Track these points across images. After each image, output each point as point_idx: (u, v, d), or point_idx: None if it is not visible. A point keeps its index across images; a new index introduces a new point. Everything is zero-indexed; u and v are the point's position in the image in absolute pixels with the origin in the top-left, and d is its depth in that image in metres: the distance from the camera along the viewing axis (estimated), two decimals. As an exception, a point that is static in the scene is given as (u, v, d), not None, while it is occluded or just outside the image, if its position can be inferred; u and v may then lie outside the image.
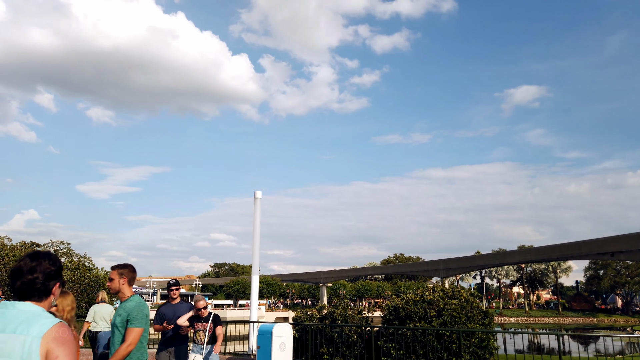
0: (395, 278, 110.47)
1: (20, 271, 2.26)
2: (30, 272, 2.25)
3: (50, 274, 2.30)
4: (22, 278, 2.24)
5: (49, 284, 2.29)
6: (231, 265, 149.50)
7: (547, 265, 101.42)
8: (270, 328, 10.84)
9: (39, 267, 2.27)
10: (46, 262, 2.31)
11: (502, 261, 58.03)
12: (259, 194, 13.25)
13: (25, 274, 2.25)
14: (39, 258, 2.31)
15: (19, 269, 2.27)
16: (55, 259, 2.39)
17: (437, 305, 9.27)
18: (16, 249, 39.51)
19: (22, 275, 2.24)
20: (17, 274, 2.27)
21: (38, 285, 2.24)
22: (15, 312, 2.15)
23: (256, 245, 12.82)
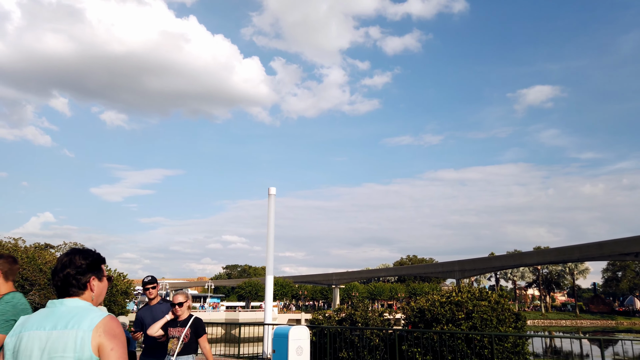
0: (408, 280, 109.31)
1: (55, 268, 2.33)
2: (63, 269, 2.31)
3: (82, 269, 2.33)
4: (57, 275, 2.31)
5: (82, 278, 2.32)
6: (243, 267, 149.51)
7: (564, 266, 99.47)
8: (286, 331, 10.25)
9: (70, 263, 2.32)
10: (78, 257, 2.35)
11: (520, 262, 56.65)
12: (273, 191, 12.72)
13: (59, 271, 2.31)
14: (71, 254, 2.37)
15: (55, 267, 2.35)
16: (88, 253, 2.42)
17: (466, 307, 8.62)
18: (30, 250, 39.52)
19: (57, 272, 2.31)
20: (54, 271, 2.34)
21: (72, 280, 2.29)
22: (65, 309, 2.20)
23: (270, 243, 12.28)
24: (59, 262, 2.34)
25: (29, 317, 2.23)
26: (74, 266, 2.31)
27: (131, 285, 51.13)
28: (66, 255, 2.37)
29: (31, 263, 34.15)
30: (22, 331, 2.16)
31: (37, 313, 2.24)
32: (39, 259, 35.66)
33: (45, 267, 34.67)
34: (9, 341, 2.17)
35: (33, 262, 34.44)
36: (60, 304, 2.23)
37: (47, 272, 33.98)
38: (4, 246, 38.35)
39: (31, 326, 2.16)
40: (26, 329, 2.16)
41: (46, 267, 34.57)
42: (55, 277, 2.32)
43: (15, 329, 2.21)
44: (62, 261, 2.33)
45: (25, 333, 2.15)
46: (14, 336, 2.18)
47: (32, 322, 2.19)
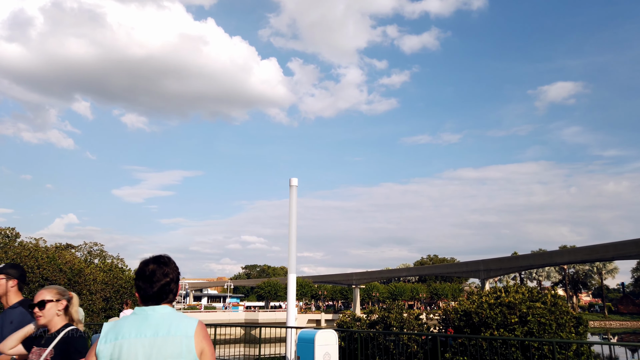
0: (429, 280, 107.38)
1: (154, 276, 2.32)
2: (163, 277, 2.33)
3: (177, 278, 2.43)
4: (156, 283, 2.31)
5: (175, 287, 2.39)
6: (262, 267, 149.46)
7: (591, 266, 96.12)
8: (312, 335, 9.22)
9: (169, 273, 2.37)
10: (174, 267, 2.41)
11: (549, 261, 54.34)
12: (295, 182, 11.75)
13: (159, 279, 2.32)
14: (168, 263, 2.40)
15: (152, 274, 2.32)
16: (175, 263, 2.47)
17: (519, 309, 7.51)
18: (50, 250, 39.54)
19: (156, 281, 2.31)
20: (151, 278, 2.31)
21: (168, 289, 2.35)
22: (158, 316, 2.24)
23: (292, 237, 11.31)
24: (158, 271, 2.33)
25: (120, 325, 2.21)
26: (173, 275, 2.36)
27: (150, 285, 50.62)
28: (164, 264, 2.37)
29: (51, 263, 33.97)
30: (117, 339, 2.15)
31: (127, 320, 2.23)
32: (59, 259, 35.52)
33: (65, 267, 34.49)
34: (104, 349, 2.14)
35: (53, 262, 34.27)
36: (153, 311, 2.26)
37: (67, 272, 33.79)
38: (25, 246, 38.40)
39: (129, 334, 2.16)
40: (123, 336, 2.15)
41: (66, 267, 34.39)
42: (152, 284, 2.31)
43: (107, 337, 2.17)
44: (163, 271, 2.34)
45: (124, 341, 2.14)
46: (109, 343, 2.14)
47: (127, 329, 2.18)
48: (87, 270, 35.13)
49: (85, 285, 33.10)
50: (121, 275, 40.70)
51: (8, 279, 3.74)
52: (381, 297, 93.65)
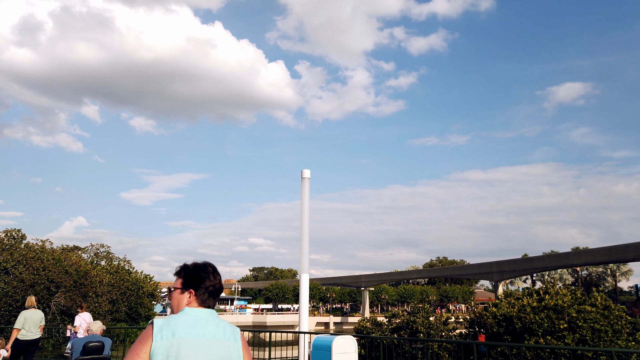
0: (438, 282, 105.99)
1: (218, 275, 2.45)
2: (221, 281, 2.48)
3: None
4: (221, 288, 2.44)
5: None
6: (270, 270, 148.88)
7: (605, 267, 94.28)
8: (329, 342, 8.27)
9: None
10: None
11: (565, 263, 52.79)
12: (307, 174, 10.88)
13: (221, 284, 2.45)
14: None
15: (216, 273, 2.46)
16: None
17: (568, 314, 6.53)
18: (56, 252, 38.98)
19: (220, 281, 2.44)
20: (216, 277, 2.43)
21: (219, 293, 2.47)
22: (209, 318, 2.29)
23: (305, 233, 10.41)
24: (218, 275, 2.46)
25: (175, 323, 2.18)
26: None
27: (157, 288, 50.17)
28: (216, 270, 2.48)
29: (57, 265, 33.33)
30: (175, 335, 2.12)
31: (179, 318, 2.23)
32: (65, 261, 34.85)
33: (70, 268, 33.84)
34: (160, 345, 2.09)
35: (59, 264, 33.62)
36: (203, 313, 2.29)
37: (72, 274, 33.13)
38: (31, 248, 37.81)
39: (186, 332, 2.15)
40: (180, 334, 2.14)
41: (72, 269, 33.74)
42: (220, 290, 2.43)
43: (162, 333, 2.12)
44: (220, 275, 2.47)
45: (182, 339, 2.12)
46: (166, 340, 2.11)
47: (182, 327, 2.17)
48: (94, 272, 34.45)
49: (91, 288, 32.42)
50: (127, 277, 40.04)
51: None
52: (390, 300, 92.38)
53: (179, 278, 2.44)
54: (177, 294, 2.40)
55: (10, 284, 31.36)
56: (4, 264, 34.33)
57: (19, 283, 31.17)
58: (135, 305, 39.29)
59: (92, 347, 6.86)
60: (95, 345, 6.91)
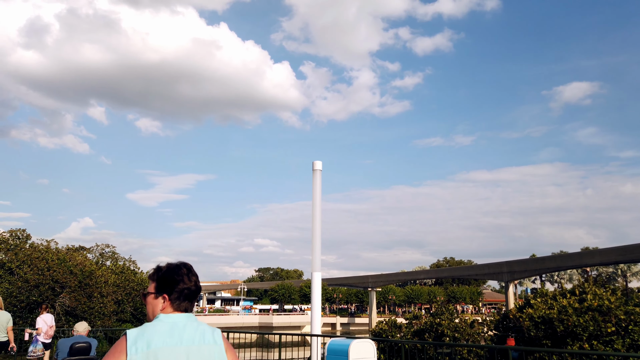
0: (445, 283, 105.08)
1: (194, 278, 2.28)
2: (197, 281, 2.31)
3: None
4: (198, 290, 2.28)
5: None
6: (275, 270, 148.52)
7: (615, 268, 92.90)
8: (345, 346, 7.62)
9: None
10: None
11: (578, 263, 51.65)
12: (319, 165, 10.26)
13: (197, 282, 2.29)
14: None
15: (191, 275, 2.28)
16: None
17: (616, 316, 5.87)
18: (61, 252, 38.62)
19: (199, 289, 2.29)
20: (190, 281, 2.26)
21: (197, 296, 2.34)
22: (189, 323, 2.16)
23: (317, 228, 9.78)
24: (194, 276, 2.29)
25: (150, 333, 2.03)
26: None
27: (163, 288, 49.39)
28: (192, 269, 2.32)
29: (62, 265, 32.91)
30: (150, 347, 1.98)
31: (154, 327, 2.08)
32: (70, 261, 34.42)
33: (75, 269, 33.41)
34: (136, 359, 1.96)
35: (64, 264, 33.19)
36: (180, 318, 2.16)
37: (77, 275, 32.69)
38: (36, 248, 37.46)
39: (162, 341, 2.02)
40: (157, 344, 2.00)
41: (77, 269, 33.31)
42: (197, 292, 2.28)
43: (136, 346, 1.97)
44: (196, 275, 2.31)
45: (158, 349, 1.99)
46: (141, 353, 1.96)
47: (158, 337, 2.03)
48: (99, 272, 34.03)
49: (96, 288, 31.98)
50: (133, 277, 39.61)
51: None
52: (397, 301, 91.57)
53: (152, 282, 2.27)
54: (151, 299, 2.24)
55: (14, 284, 30.96)
56: (9, 264, 33.95)
57: (23, 283, 30.77)
58: (140, 306, 38.88)
59: (79, 348, 6.89)
60: (82, 346, 6.94)
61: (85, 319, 30.78)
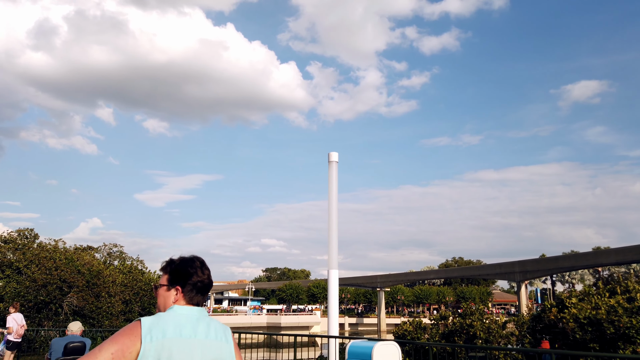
0: (454, 283, 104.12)
1: (207, 270, 2.26)
2: (210, 274, 2.29)
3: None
4: (210, 284, 2.25)
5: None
6: (282, 270, 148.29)
7: (628, 268, 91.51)
8: (368, 349, 7.09)
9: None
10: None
11: (593, 262, 50.63)
12: (335, 157, 9.76)
13: (210, 275, 2.27)
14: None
15: (205, 268, 2.25)
16: None
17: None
18: (69, 251, 38.42)
19: (209, 276, 2.25)
20: (204, 273, 2.23)
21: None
22: (202, 317, 2.13)
23: (333, 222, 9.27)
24: (207, 269, 2.25)
25: (165, 323, 1.99)
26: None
27: (171, 288, 49.04)
28: (205, 264, 2.27)
29: (69, 264, 32.64)
30: (165, 336, 1.93)
31: (168, 318, 2.04)
32: (77, 261, 34.16)
33: (83, 268, 33.13)
34: (150, 347, 1.90)
35: (71, 264, 32.92)
36: (193, 312, 2.12)
37: (85, 274, 32.40)
38: (44, 247, 37.27)
39: (178, 333, 1.98)
40: (172, 335, 1.96)
41: (84, 269, 33.03)
42: (209, 285, 2.24)
43: (151, 334, 1.91)
44: (208, 270, 2.26)
45: (174, 340, 1.95)
46: (156, 342, 1.91)
47: (174, 328, 1.99)
48: (107, 271, 33.76)
49: (104, 288, 31.69)
50: (141, 277, 39.28)
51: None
52: (406, 301, 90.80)
53: (165, 274, 2.23)
54: (163, 291, 2.20)
55: (22, 284, 30.73)
56: (17, 264, 33.75)
57: (31, 283, 30.52)
58: (148, 306, 38.53)
59: (74, 348, 6.87)
60: (76, 345, 6.93)
61: (92, 318, 30.51)
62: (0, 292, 31.83)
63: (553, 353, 5.73)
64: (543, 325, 7.32)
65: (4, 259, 34.69)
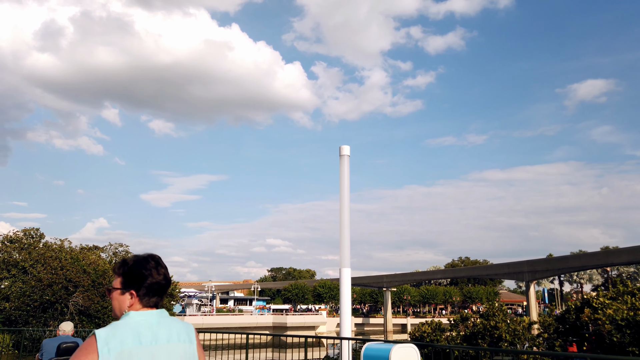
0: (461, 283, 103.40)
1: (163, 271, 2.13)
2: (167, 274, 2.17)
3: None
4: (165, 280, 2.14)
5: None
6: (288, 270, 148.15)
7: (636, 267, 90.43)
8: (385, 352, 6.71)
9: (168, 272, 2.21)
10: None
11: (604, 262, 49.86)
12: (346, 150, 9.37)
13: (167, 276, 2.15)
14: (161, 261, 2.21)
15: (160, 267, 2.13)
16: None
17: None
18: (75, 251, 38.28)
19: (165, 277, 2.14)
20: (160, 274, 2.11)
21: (166, 290, 2.20)
22: (163, 320, 2.04)
23: (345, 218, 8.89)
24: (162, 268, 2.12)
25: (122, 332, 1.89)
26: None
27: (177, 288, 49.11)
28: (161, 262, 2.16)
29: (75, 264, 32.41)
30: (123, 347, 1.84)
31: (125, 325, 1.94)
32: (83, 260, 33.95)
33: (89, 268, 32.89)
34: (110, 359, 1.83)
35: (77, 263, 32.69)
36: (153, 315, 2.03)
37: (91, 274, 32.15)
38: (49, 247, 37.09)
39: (137, 342, 1.88)
40: (131, 344, 1.86)
41: (90, 268, 32.77)
42: (166, 285, 2.12)
43: (108, 346, 1.81)
44: (166, 269, 2.15)
45: (133, 350, 1.85)
46: (114, 354, 1.81)
47: (131, 336, 1.89)
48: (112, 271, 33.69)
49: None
50: (147, 276, 39.02)
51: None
52: (412, 301, 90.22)
53: (118, 276, 2.11)
54: (117, 294, 2.08)
55: (28, 284, 30.52)
56: (22, 263, 33.58)
57: (36, 282, 30.32)
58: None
59: (67, 348, 6.87)
60: (69, 345, 6.92)
61: (98, 318, 30.29)
62: (6, 291, 31.67)
63: (589, 357, 5.32)
64: (568, 327, 6.92)
65: (10, 258, 34.59)
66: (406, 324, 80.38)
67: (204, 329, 44.84)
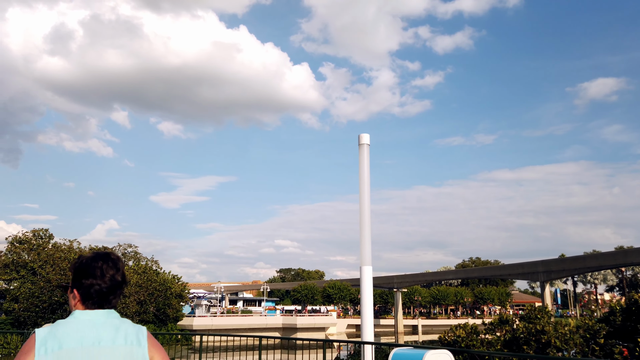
0: (472, 283, 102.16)
1: (107, 273, 1.97)
2: (118, 275, 2.01)
3: (126, 280, 2.13)
4: (110, 281, 1.98)
5: (123, 290, 2.11)
6: (297, 271, 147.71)
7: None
8: (417, 357, 6.04)
9: (122, 271, 2.07)
10: (123, 266, 2.09)
11: (622, 261, 48.55)
12: (366, 139, 8.80)
13: (114, 277, 1.99)
14: (119, 261, 2.07)
15: (103, 270, 1.97)
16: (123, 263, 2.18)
17: None
18: (84, 251, 37.99)
19: (111, 278, 1.98)
20: (103, 275, 1.96)
21: (122, 291, 2.06)
22: (109, 321, 1.94)
23: (365, 212, 8.28)
24: (110, 269, 1.97)
25: (63, 332, 1.80)
26: (124, 276, 2.06)
27: (186, 288, 48.62)
28: (116, 261, 2.02)
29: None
30: (62, 347, 1.76)
31: (68, 325, 1.84)
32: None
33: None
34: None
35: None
36: (99, 316, 1.92)
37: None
38: (58, 248, 36.82)
39: (77, 342, 1.79)
40: (70, 345, 1.77)
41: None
42: (112, 288, 1.97)
43: (46, 346, 1.74)
44: (117, 268, 2.00)
45: (72, 351, 1.76)
46: (51, 354, 1.74)
47: (72, 336, 1.80)
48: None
49: (118, 288, 31.34)
50: (155, 277, 38.69)
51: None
52: (423, 302, 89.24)
53: (71, 272, 2.00)
54: (69, 291, 1.98)
55: (37, 285, 30.22)
56: (31, 264, 33.31)
57: (45, 283, 29.98)
58: (163, 307, 37.73)
59: None
60: None
61: (107, 320, 29.89)
62: (15, 293, 31.38)
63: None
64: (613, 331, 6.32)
65: (19, 259, 34.34)
66: (417, 325, 79.41)
67: (213, 330, 44.29)
